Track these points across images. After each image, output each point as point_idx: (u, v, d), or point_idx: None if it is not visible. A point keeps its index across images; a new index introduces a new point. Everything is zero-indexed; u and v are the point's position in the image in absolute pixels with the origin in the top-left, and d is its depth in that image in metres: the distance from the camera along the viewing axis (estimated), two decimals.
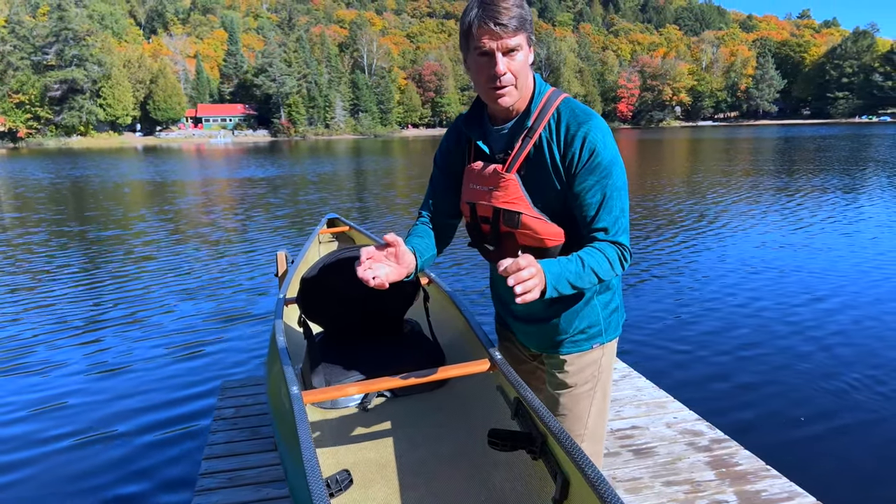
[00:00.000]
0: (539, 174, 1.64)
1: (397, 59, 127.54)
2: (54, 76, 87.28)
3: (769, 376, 4.65)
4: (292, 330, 2.77)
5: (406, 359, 2.39)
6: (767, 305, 6.32)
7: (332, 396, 1.80)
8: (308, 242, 3.91)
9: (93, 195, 19.51)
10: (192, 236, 11.27)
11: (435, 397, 2.33)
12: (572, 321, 1.80)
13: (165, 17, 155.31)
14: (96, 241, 11.13)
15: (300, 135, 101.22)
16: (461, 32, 1.59)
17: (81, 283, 8.03)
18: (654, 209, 13.25)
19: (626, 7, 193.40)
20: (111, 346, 5.65)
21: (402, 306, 2.67)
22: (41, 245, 10.79)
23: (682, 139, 58.56)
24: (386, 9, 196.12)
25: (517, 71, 1.56)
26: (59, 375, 5.01)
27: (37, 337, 5.94)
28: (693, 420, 3.52)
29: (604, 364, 1.87)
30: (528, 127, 1.63)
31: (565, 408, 1.86)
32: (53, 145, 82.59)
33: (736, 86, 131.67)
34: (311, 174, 25.74)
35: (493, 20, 1.49)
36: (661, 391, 3.90)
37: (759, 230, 10.52)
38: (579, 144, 1.58)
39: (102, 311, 6.76)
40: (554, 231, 1.65)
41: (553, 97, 1.65)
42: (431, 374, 1.81)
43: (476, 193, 1.72)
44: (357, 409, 2.31)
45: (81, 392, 4.69)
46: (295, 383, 1.80)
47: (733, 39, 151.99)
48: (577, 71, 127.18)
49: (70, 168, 33.37)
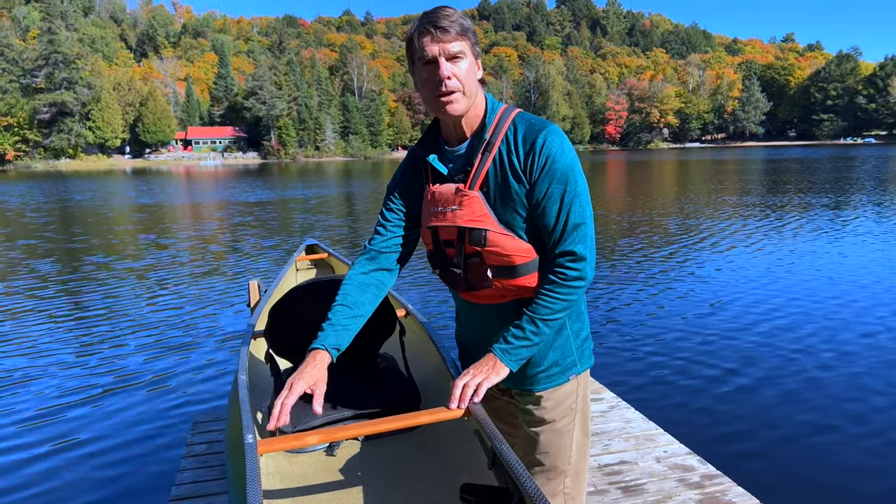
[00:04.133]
0: (502, 189, 1.59)
1: (387, 82, 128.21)
2: (43, 99, 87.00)
3: (764, 408, 4.50)
4: (261, 365, 2.61)
5: (379, 398, 2.24)
6: (761, 334, 6.16)
7: (289, 447, 1.66)
8: (283, 270, 3.76)
9: (74, 220, 19.28)
10: (169, 263, 11.07)
11: (408, 441, 2.18)
12: (546, 354, 1.73)
13: (156, 40, 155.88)
14: (72, 267, 10.92)
15: (290, 157, 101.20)
16: (407, 48, 1.59)
17: (57, 308, 7.83)
18: (642, 233, 13.20)
19: (613, 31, 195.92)
20: (81, 373, 5.46)
21: (377, 340, 2.53)
22: (10, 273, 10.57)
23: (670, 161, 58.94)
24: (376, 32, 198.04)
25: (462, 77, 1.54)
26: (21, 403, 4.80)
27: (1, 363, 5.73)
28: (684, 454, 3.38)
29: (581, 395, 1.81)
30: (486, 141, 1.60)
31: (546, 445, 1.79)
32: (42, 168, 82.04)
33: (722, 108, 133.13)
34: (299, 198, 25.60)
35: (433, 24, 1.50)
36: (650, 423, 3.76)
37: (752, 255, 10.43)
38: (538, 151, 1.55)
39: (73, 337, 6.56)
40: (523, 248, 1.60)
41: (507, 112, 1.64)
42: (400, 421, 1.69)
43: (437, 216, 1.66)
44: (324, 454, 2.15)
45: (46, 420, 4.49)
46: (251, 431, 1.69)
47: (719, 62, 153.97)
48: (565, 93, 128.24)
49: (50, 193, 33.07)
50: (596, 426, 3.72)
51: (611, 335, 6.22)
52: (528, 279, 1.63)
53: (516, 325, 1.60)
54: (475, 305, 1.77)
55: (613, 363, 5.44)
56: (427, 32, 1.51)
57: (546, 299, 1.58)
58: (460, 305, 1.88)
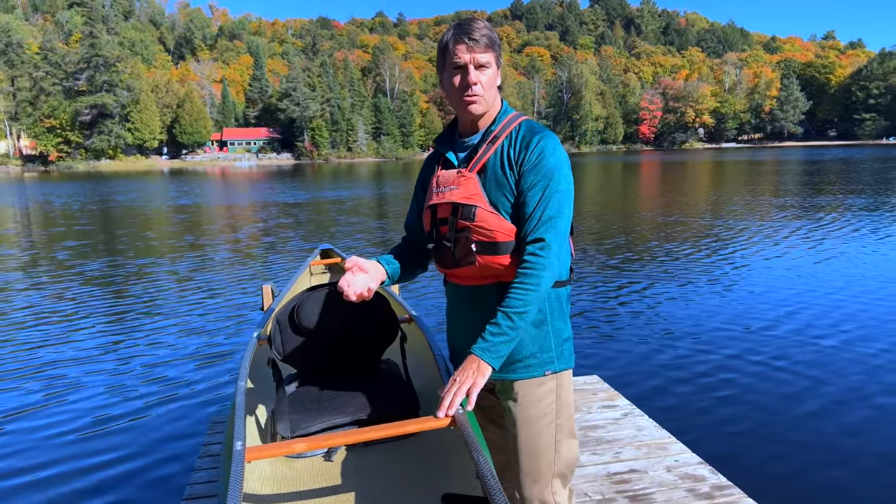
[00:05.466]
0: (495, 174, 1.80)
1: (419, 83, 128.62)
2: (85, 101, 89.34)
3: (783, 420, 4.39)
4: (265, 370, 2.65)
5: (378, 404, 2.26)
6: (788, 345, 5.94)
7: (277, 454, 1.72)
8: (296, 274, 3.81)
9: (115, 221, 19.75)
10: (201, 264, 11.28)
11: (405, 448, 2.20)
12: (524, 344, 1.84)
13: (193, 42, 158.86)
14: (108, 267, 11.20)
15: (323, 158, 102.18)
16: (439, 51, 1.83)
17: (87, 308, 8.04)
18: (668, 235, 13.04)
19: (647, 30, 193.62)
20: (103, 371, 5.60)
21: (379, 346, 2.56)
22: (32, 272, 10.88)
23: (705, 161, 58.04)
24: (408, 34, 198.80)
25: (486, 84, 1.79)
26: (38, 398, 4.96)
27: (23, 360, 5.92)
28: (695, 464, 3.34)
29: (562, 398, 1.90)
30: (493, 134, 1.84)
31: (528, 445, 1.87)
32: (83, 168, 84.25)
33: (760, 107, 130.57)
34: (331, 200, 25.86)
35: (468, 36, 1.75)
36: (663, 431, 3.73)
37: (783, 258, 10.21)
38: (532, 148, 1.77)
39: (99, 335, 6.74)
40: (506, 227, 1.77)
41: (517, 116, 1.88)
42: (386, 430, 1.74)
43: (438, 196, 1.87)
44: (322, 459, 2.19)
45: (64, 419, 4.62)
46: (241, 438, 1.74)
47: (757, 61, 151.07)
48: (598, 93, 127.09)
49: (91, 194, 33.91)
50: (608, 433, 3.70)
51: (629, 340, 6.16)
52: (507, 258, 1.79)
53: (492, 322, 1.71)
54: (460, 293, 1.93)
55: (630, 369, 5.39)
56: (461, 42, 1.75)
57: (517, 292, 1.71)
58: (449, 298, 2.01)
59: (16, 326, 7.26)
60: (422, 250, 2.09)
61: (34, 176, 64.06)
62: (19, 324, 7.36)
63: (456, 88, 1.80)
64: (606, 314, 7.13)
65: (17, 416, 4.78)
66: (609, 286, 8.49)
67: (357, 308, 2.49)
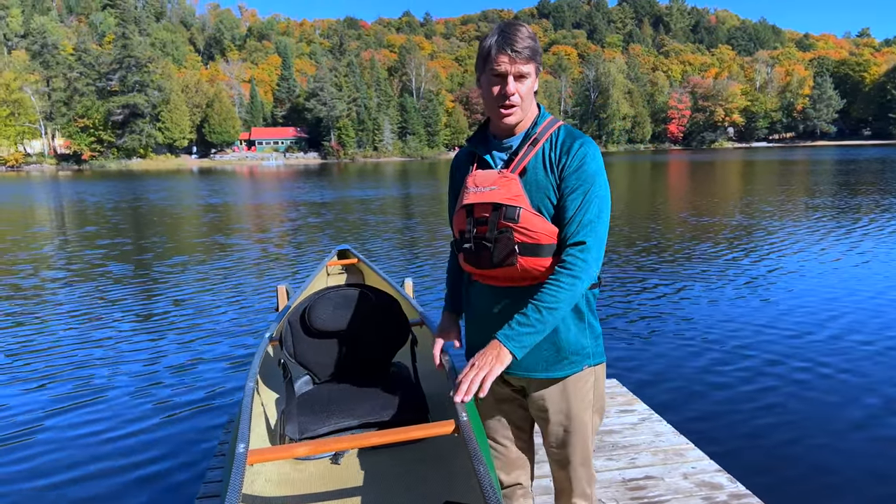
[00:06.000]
0: (537, 177, 1.81)
1: (445, 82, 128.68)
2: (117, 101, 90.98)
3: (812, 431, 4.22)
4: (277, 371, 2.66)
5: (387, 408, 2.26)
6: (823, 350, 5.74)
7: (278, 457, 1.73)
8: (313, 275, 3.82)
9: (144, 220, 20.07)
10: (229, 264, 11.41)
11: (413, 452, 2.19)
12: (568, 340, 1.88)
13: (223, 43, 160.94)
14: (131, 268, 11.38)
15: (349, 157, 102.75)
16: (480, 54, 1.83)
17: (113, 307, 8.18)
18: (693, 235, 12.85)
19: (676, 28, 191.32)
20: (126, 369, 5.69)
21: (389, 349, 2.55)
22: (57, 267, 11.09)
23: (735, 161, 57.18)
24: (435, 33, 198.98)
25: (524, 94, 1.79)
26: (58, 400, 5.05)
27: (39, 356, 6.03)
28: (713, 471, 3.28)
29: (599, 389, 2.00)
30: (533, 137, 1.84)
31: (572, 442, 1.96)
32: (115, 167, 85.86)
33: (792, 106, 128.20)
34: (358, 199, 25.99)
35: (511, 47, 1.73)
36: (681, 437, 3.66)
37: (817, 261, 9.94)
38: (573, 153, 1.79)
39: (123, 336, 6.85)
40: (549, 229, 1.78)
41: (555, 121, 1.89)
42: (388, 436, 1.77)
43: (476, 195, 1.84)
44: (329, 462, 2.19)
45: (84, 419, 4.70)
46: (244, 440, 1.75)
47: (789, 59, 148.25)
48: (626, 92, 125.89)
49: (123, 192, 34.50)
50: (624, 439, 3.65)
51: (650, 343, 6.07)
52: (548, 260, 1.80)
53: (521, 313, 1.73)
54: (491, 294, 1.91)
55: (650, 373, 5.31)
56: (504, 52, 1.74)
57: (552, 289, 1.73)
58: (476, 299, 1.98)
59: (43, 325, 7.41)
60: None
61: (68, 175, 65.46)
62: (47, 322, 7.52)
63: (493, 96, 1.81)
64: (628, 316, 7.04)
65: (46, 415, 4.87)
66: (631, 287, 8.39)
67: (368, 311, 2.50)
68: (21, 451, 4.23)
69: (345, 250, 4.53)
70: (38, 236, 15.47)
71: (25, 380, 5.53)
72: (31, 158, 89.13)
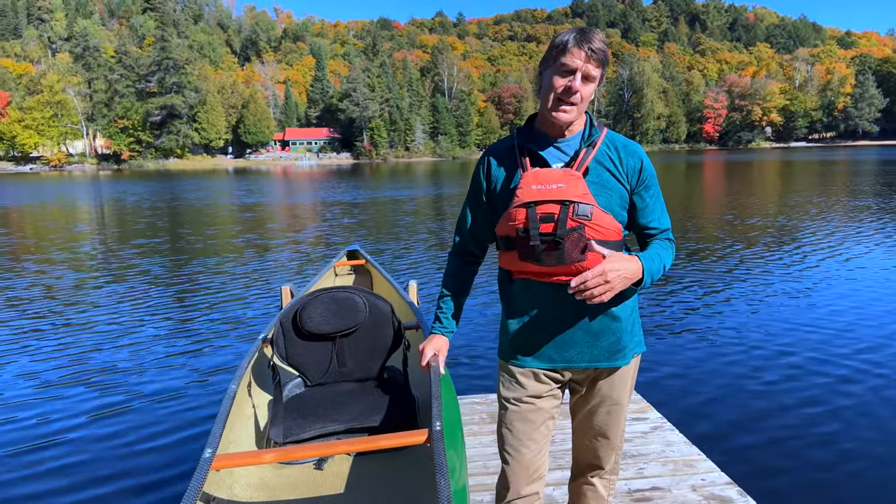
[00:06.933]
0: (600, 178, 1.88)
1: (477, 82, 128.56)
2: (155, 102, 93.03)
3: (829, 444, 4.09)
4: (266, 373, 2.70)
5: (376, 413, 2.28)
6: (854, 362, 5.51)
7: (246, 463, 1.71)
8: (319, 275, 3.82)
9: (181, 219, 20.45)
10: (257, 268, 11.57)
11: (397, 459, 2.21)
12: (628, 331, 1.99)
13: (259, 45, 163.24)
14: (167, 268, 11.61)
15: (381, 157, 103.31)
16: (553, 47, 1.84)
17: (147, 308, 8.38)
18: (720, 238, 12.64)
19: (713, 26, 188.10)
20: (149, 365, 5.83)
21: (381, 353, 2.57)
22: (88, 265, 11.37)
23: (772, 161, 55.96)
24: (468, 33, 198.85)
25: (585, 97, 1.84)
26: (70, 400, 5.20)
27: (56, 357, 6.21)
28: (723, 484, 3.25)
29: (635, 376, 2.11)
30: (592, 140, 1.91)
31: (616, 422, 2.08)
32: (152, 167, 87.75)
33: (832, 105, 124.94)
34: (391, 199, 26.10)
35: (589, 45, 1.79)
36: (692, 447, 3.64)
37: (851, 271, 9.65)
38: (637, 166, 1.91)
39: (153, 337, 7.01)
40: (617, 227, 1.86)
41: (602, 125, 1.97)
42: (361, 444, 1.76)
43: (540, 192, 1.83)
44: (312, 467, 2.21)
45: (103, 417, 4.83)
46: (213, 445, 1.74)
47: (830, 57, 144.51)
48: (660, 91, 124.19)
49: (161, 192, 35.16)
50: (634, 447, 3.64)
51: (667, 349, 5.99)
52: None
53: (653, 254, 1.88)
54: (546, 292, 1.91)
55: (666, 381, 5.23)
56: (582, 48, 1.78)
57: (667, 253, 1.93)
58: (527, 298, 1.96)
59: (77, 323, 7.63)
60: (475, 262, 2.21)
61: (108, 174, 67.11)
62: (80, 321, 7.74)
63: (557, 91, 1.82)
64: (645, 318, 6.97)
65: (88, 420, 5.03)
66: (650, 290, 8.30)
67: (359, 314, 2.51)
68: (29, 454, 4.37)
69: (354, 251, 4.54)
70: (78, 236, 15.91)
71: (38, 372, 5.71)
72: (73, 158, 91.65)
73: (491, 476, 3.25)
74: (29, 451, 4.29)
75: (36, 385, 5.52)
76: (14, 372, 5.85)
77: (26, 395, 5.31)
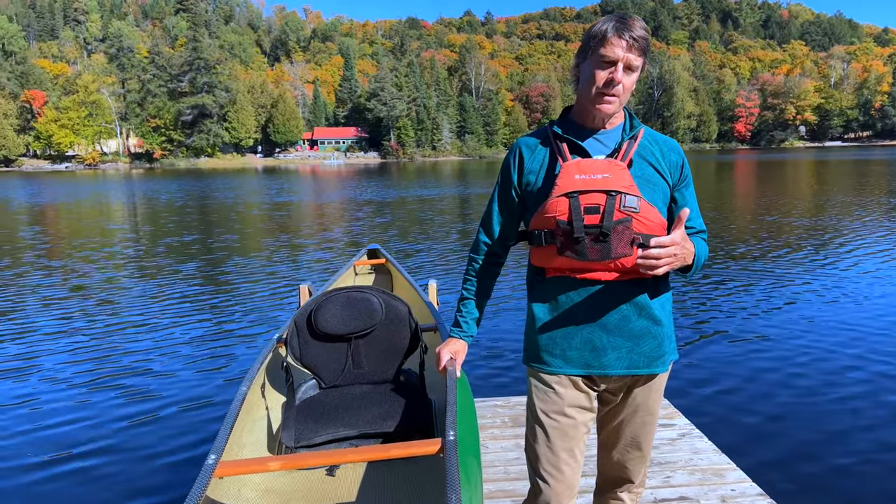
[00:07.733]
0: (644, 172, 1.80)
1: (505, 81, 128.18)
2: (187, 102, 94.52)
3: (873, 458, 3.89)
4: (279, 374, 2.61)
5: (390, 419, 2.21)
6: (879, 374, 5.30)
7: (251, 471, 1.66)
8: (339, 274, 3.76)
9: (213, 217, 20.68)
10: (290, 268, 11.63)
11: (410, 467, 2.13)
12: (668, 336, 1.89)
13: (288, 45, 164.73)
14: (197, 266, 11.72)
15: (408, 156, 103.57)
16: (591, 37, 1.75)
17: (180, 304, 8.45)
18: (750, 240, 12.36)
19: (745, 23, 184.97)
20: (172, 362, 5.85)
21: (397, 356, 2.49)
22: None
23: (806, 161, 54.81)
24: (496, 32, 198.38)
25: (627, 87, 1.76)
26: (73, 391, 5.23)
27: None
28: (754, 495, 3.13)
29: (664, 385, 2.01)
30: (633, 133, 1.83)
31: (648, 430, 1.97)
32: (184, 166, 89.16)
33: (869, 103, 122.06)
34: (419, 198, 26.10)
35: (630, 33, 1.70)
36: (722, 455, 3.52)
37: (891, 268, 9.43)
38: (679, 162, 1.87)
39: (181, 336, 7.04)
40: (662, 222, 1.77)
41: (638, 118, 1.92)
42: (371, 453, 1.72)
43: (584, 182, 1.74)
44: (324, 473, 2.16)
45: (108, 407, 4.82)
46: (217, 451, 1.70)
47: (866, 54, 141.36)
48: (691, 90, 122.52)
49: (193, 189, 35.62)
50: (661, 455, 3.53)
51: (696, 354, 5.84)
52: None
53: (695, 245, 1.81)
54: (586, 289, 1.80)
55: (695, 386, 5.07)
56: (622, 37, 1.70)
57: (705, 250, 1.87)
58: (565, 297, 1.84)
59: (100, 321, 7.72)
60: (499, 264, 2.09)
61: (141, 172, 68.34)
62: (102, 320, 7.83)
63: (596, 82, 1.74)
64: (676, 322, 6.81)
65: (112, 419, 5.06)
66: (680, 289, 8.12)
67: (375, 315, 2.44)
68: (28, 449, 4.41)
69: (374, 250, 4.49)
70: (111, 233, 16.17)
71: (55, 365, 5.77)
72: (106, 157, 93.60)
73: (511, 482, 3.17)
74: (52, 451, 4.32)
75: (62, 387, 5.57)
76: (31, 371, 5.92)
77: (35, 393, 5.34)
